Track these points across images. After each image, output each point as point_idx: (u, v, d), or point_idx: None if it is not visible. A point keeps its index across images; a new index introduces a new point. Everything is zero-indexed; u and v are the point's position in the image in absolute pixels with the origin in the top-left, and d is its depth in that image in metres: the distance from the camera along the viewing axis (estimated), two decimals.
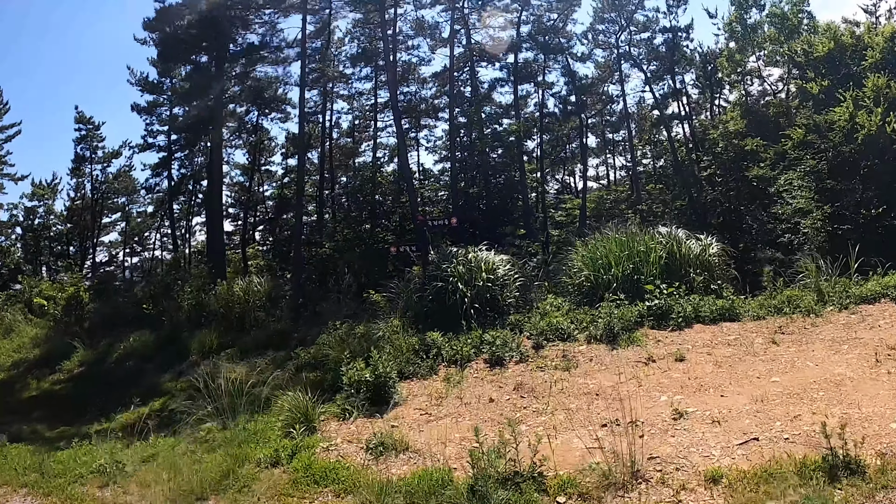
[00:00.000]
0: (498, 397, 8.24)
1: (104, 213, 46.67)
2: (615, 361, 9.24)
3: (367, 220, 32.01)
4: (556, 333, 10.50)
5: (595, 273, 11.90)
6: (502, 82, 35.55)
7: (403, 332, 11.10)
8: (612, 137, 45.88)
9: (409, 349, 10.21)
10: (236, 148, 40.92)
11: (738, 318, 11.19)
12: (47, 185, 45.72)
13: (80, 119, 43.14)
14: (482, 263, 12.05)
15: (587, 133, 38.37)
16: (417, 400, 8.63)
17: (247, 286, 18.15)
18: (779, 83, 37.91)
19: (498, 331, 10.56)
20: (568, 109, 36.12)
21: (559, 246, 24.91)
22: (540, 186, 35.78)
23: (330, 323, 13.35)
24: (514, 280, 12.29)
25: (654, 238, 12.99)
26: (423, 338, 10.52)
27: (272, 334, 15.27)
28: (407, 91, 35.33)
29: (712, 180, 32.05)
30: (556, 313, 11.08)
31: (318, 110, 35.59)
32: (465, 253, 12.54)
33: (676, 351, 9.38)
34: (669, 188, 35.68)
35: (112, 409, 13.93)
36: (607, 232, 13.22)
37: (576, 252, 12.97)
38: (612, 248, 12.19)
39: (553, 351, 9.98)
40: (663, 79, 37.65)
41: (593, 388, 8.19)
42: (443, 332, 10.71)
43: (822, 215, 20.23)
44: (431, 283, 11.74)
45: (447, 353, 10.01)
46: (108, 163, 44.66)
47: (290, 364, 12.61)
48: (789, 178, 24.38)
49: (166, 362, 17.21)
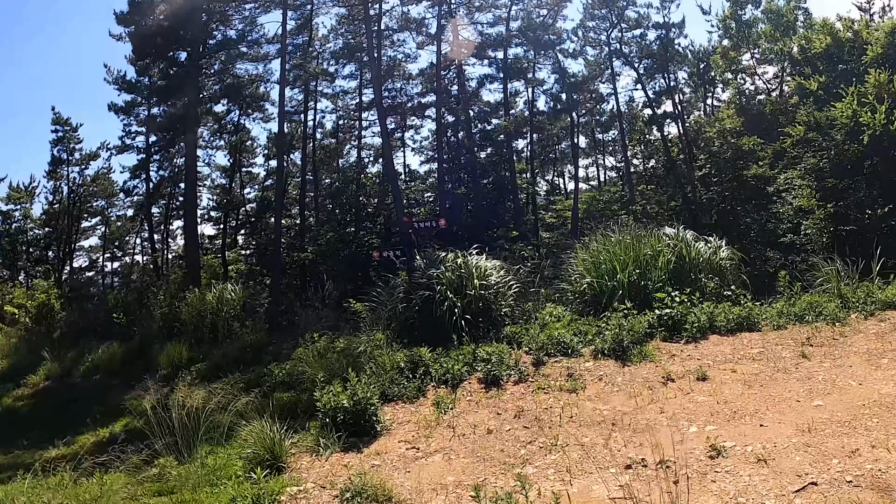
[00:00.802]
0: (497, 427, 7.07)
1: (83, 217, 45.37)
2: (629, 381, 8.13)
3: (352, 222, 30.80)
4: (558, 347, 9.39)
5: (598, 279, 10.79)
6: (491, 79, 34.54)
7: (387, 347, 9.94)
8: (602, 138, 44.96)
9: (394, 367, 9.04)
10: (217, 149, 39.70)
11: (757, 327, 10.15)
12: (24, 189, 44.29)
13: (57, 120, 41.73)
14: (474, 270, 10.89)
15: (578, 132, 37.30)
16: (403, 429, 7.45)
17: (220, 294, 16.91)
18: (773, 81, 37.47)
19: (492, 345, 9.42)
20: (558, 107, 35.04)
21: (551, 249, 23.87)
22: (531, 187, 34.68)
23: (307, 335, 12.25)
24: (509, 287, 11.13)
25: (660, 240, 11.91)
26: (409, 354, 9.35)
27: (245, 347, 14.10)
28: (392, 88, 34.22)
29: (707, 180, 31.14)
30: (557, 324, 9.96)
31: (301, 109, 34.42)
32: (455, 258, 11.39)
33: (697, 368, 8.28)
34: (662, 188, 34.76)
35: (71, 430, 12.97)
36: (610, 234, 12.07)
37: (576, 256, 11.84)
38: (616, 252, 11.07)
39: (556, 368, 8.85)
40: (654, 77, 36.82)
41: (608, 416, 7.06)
42: (431, 347, 9.56)
43: (825, 215, 19.45)
44: (418, 292, 10.57)
45: (436, 372, 8.86)
46: (85, 165, 43.23)
47: (263, 381, 11.40)
48: (789, 177, 23.71)
49: (134, 377, 15.93)
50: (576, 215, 31.30)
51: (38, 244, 44.80)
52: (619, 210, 32.64)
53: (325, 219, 33.71)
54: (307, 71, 31.08)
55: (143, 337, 18.12)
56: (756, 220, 26.86)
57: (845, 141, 18.54)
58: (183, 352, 15.12)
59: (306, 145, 34.91)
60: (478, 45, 32.48)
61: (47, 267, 43.99)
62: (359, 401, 7.20)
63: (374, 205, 31.70)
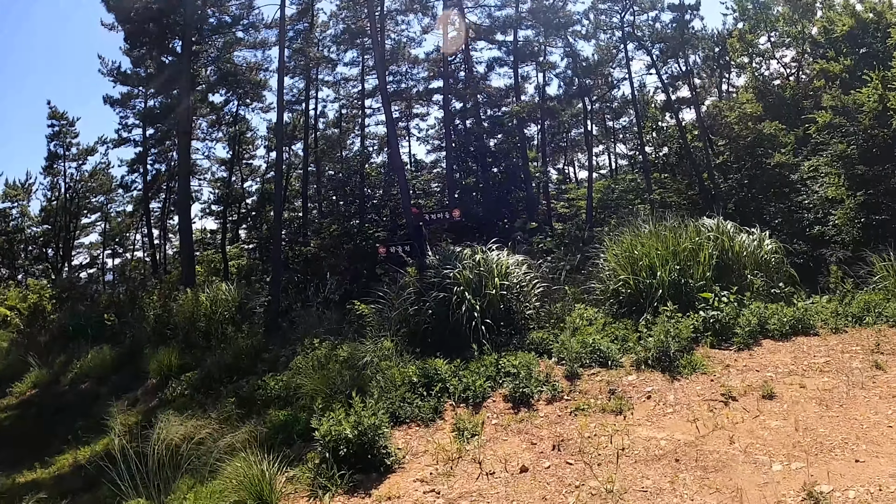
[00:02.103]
0: (533, 463, 5.83)
1: (82, 214, 44.51)
2: (683, 400, 6.90)
3: (356, 215, 29.50)
4: (594, 357, 8.15)
5: (635, 277, 9.51)
6: (500, 62, 33.06)
7: (397, 357, 8.71)
8: (613, 126, 43.61)
9: (405, 382, 7.80)
10: (217, 141, 38.72)
11: (814, 330, 8.93)
12: (20, 185, 43.26)
13: (52, 115, 41.07)
14: (494, 266, 9.61)
15: (591, 118, 35.82)
16: (419, 463, 6.22)
17: (214, 294, 15.69)
18: (791, 65, 36.16)
19: (517, 354, 8.19)
20: (571, 91, 33.61)
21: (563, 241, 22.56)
22: (543, 176, 33.26)
23: (307, 341, 11.06)
24: (534, 286, 9.87)
25: (699, 232, 10.63)
26: (422, 366, 8.11)
27: (240, 353, 12.84)
28: (396, 72, 32.77)
29: (726, 167, 29.77)
30: (590, 329, 8.71)
31: (302, 98, 33.10)
32: (472, 254, 10.12)
33: (760, 383, 7.06)
34: (676, 176, 33.38)
35: (51, 447, 12.04)
36: (643, 225, 10.76)
37: (607, 250, 10.55)
38: (653, 246, 9.79)
39: (594, 383, 7.61)
40: (667, 62, 35.43)
41: (667, 448, 5.83)
42: (447, 358, 8.33)
43: (855, 204, 18.31)
44: (431, 293, 9.31)
45: (455, 388, 7.61)
46: (83, 160, 42.49)
47: (257, 395, 10.19)
48: (814, 164, 22.51)
49: (122, 385, 15.09)
50: (590, 205, 29.98)
51: (36, 242, 43.92)
52: (634, 199, 31.36)
53: (328, 211, 32.42)
54: (307, 56, 29.74)
55: (135, 340, 16.97)
56: (780, 209, 25.52)
57: (873, 126, 17.71)
58: (173, 359, 13.96)
59: (308, 135, 33.62)
60: (486, 27, 31.08)
61: (46, 265, 43.15)
62: (364, 431, 5.96)
63: (380, 196, 30.33)
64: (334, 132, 37.22)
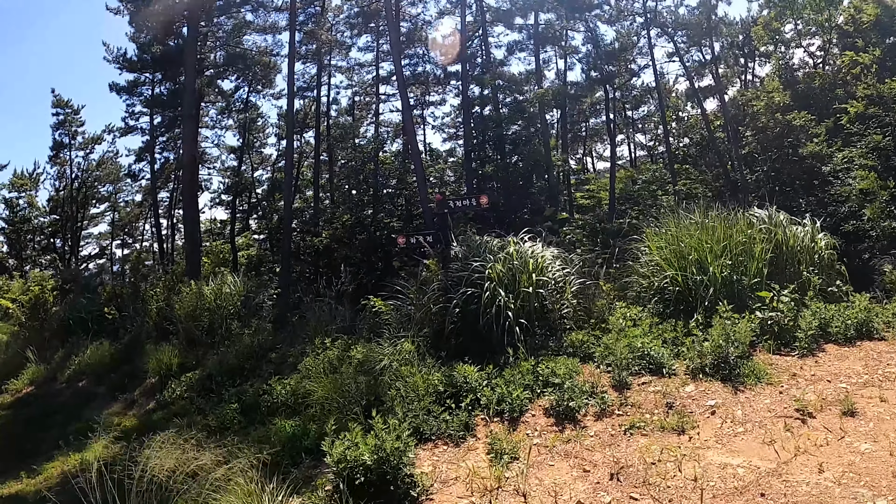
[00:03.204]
0: (590, 497, 4.85)
1: (90, 204, 43.91)
2: (752, 416, 5.94)
3: (370, 204, 28.49)
4: (643, 362, 7.19)
5: (683, 273, 8.52)
6: (521, 46, 31.90)
7: (419, 362, 7.76)
8: (632, 116, 42.39)
9: (430, 392, 6.87)
10: (227, 129, 37.96)
11: (879, 334, 7.92)
12: (28, 176, 42.65)
13: (57, 103, 40.45)
14: (529, 260, 8.61)
15: (614, 105, 34.60)
16: (450, 493, 5.24)
17: (219, 287, 14.77)
18: (818, 54, 35.07)
19: (556, 359, 7.24)
20: (593, 77, 32.43)
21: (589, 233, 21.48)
22: (565, 164, 32.07)
23: (317, 340, 10.08)
24: (570, 283, 8.88)
25: (750, 223, 9.61)
26: (449, 373, 7.17)
27: (245, 352, 11.93)
28: (413, 54, 31.71)
29: (752, 158, 28.61)
30: (636, 331, 7.72)
31: (314, 84, 32.10)
32: (502, 245, 9.14)
33: (836, 396, 6.13)
34: (699, 167, 32.26)
35: (41, 453, 11.01)
36: (689, 216, 9.72)
37: (650, 242, 9.54)
38: (703, 239, 8.78)
39: (647, 394, 6.63)
40: (689, 50, 34.28)
41: (747, 477, 4.86)
42: (477, 363, 7.38)
43: (890, 197, 17.48)
44: (457, 289, 8.33)
45: (488, 400, 6.66)
46: (90, 149, 41.85)
47: (261, 402, 9.28)
48: (848, 156, 21.47)
49: (120, 385, 14.15)
50: (613, 196, 28.86)
51: (43, 232, 43.35)
52: (656, 190, 30.29)
53: (340, 200, 31.44)
54: (319, 40, 28.70)
55: (134, 336, 16.13)
56: (810, 203, 24.40)
57: None
58: (173, 357, 13.09)
59: (319, 123, 32.67)
60: (505, 11, 29.94)
61: (54, 255, 42.59)
62: (386, 457, 5.00)
63: (394, 185, 29.29)
64: (347, 119, 36.22)
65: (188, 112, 19.81)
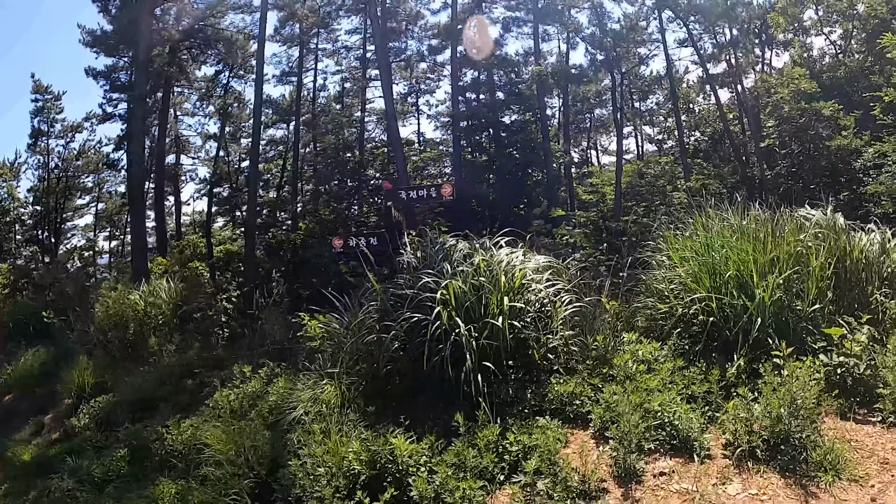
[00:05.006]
0: None
1: (73, 195, 42.10)
2: None
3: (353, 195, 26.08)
4: (662, 434, 4.83)
5: (718, 295, 6.11)
6: (519, 22, 29.22)
7: (340, 417, 5.47)
8: (640, 107, 39.93)
9: (343, 471, 4.57)
10: (208, 117, 35.77)
11: None
12: (8, 165, 40.80)
13: (37, 88, 38.47)
14: (502, 274, 6.21)
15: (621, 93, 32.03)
16: None
17: (149, 295, 12.54)
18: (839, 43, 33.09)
19: (532, 425, 4.93)
20: (598, 61, 29.96)
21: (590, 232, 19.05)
22: (566, 155, 29.51)
23: (236, 368, 8.04)
24: (562, 303, 6.50)
25: (799, 228, 7.16)
26: (373, 442, 4.87)
27: (162, 375, 9.87)
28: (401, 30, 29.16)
29: (770, 152, 26.19)
30: (651, 380, 5.32)
31: (295, 69, 29.72)
32: (470, 251, 6.76)
33: None
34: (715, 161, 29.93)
35: None
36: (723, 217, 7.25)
37: (671, 251, 7.10)
38: (744, 249, 6.37)
39: (666, 493, 4.29)
40: (701, 37, 31.93)
41: None
42: (417, 425, 5.09)
43: None
44: (401, 313, 6.00)
45: (420, 495, 4.33)
46: (70, 137, 40.08)
47: (153, 452, 7.08)
48: (881, 150, 19.28)
49: (41, 403, 11.84)
50: (619, 191, 26.38)
51: (24, 224, 41.58)
52: (665, 185, 27.97)
53: (324, 193, 28.97)
54: (300, 19, 26.25)
55: (63, 346, 13.96)
56: (841, 202, 21.97)
57: None
58: (87, 376, 10.93)
59: (299, 110, 30.27)
60: None
61: (35, 248, 40.75)
62: None
63: (377, 176, 26.84)
64: (335, 107, 33.81)
65: (139, 93, 17.52)
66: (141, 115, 18.55)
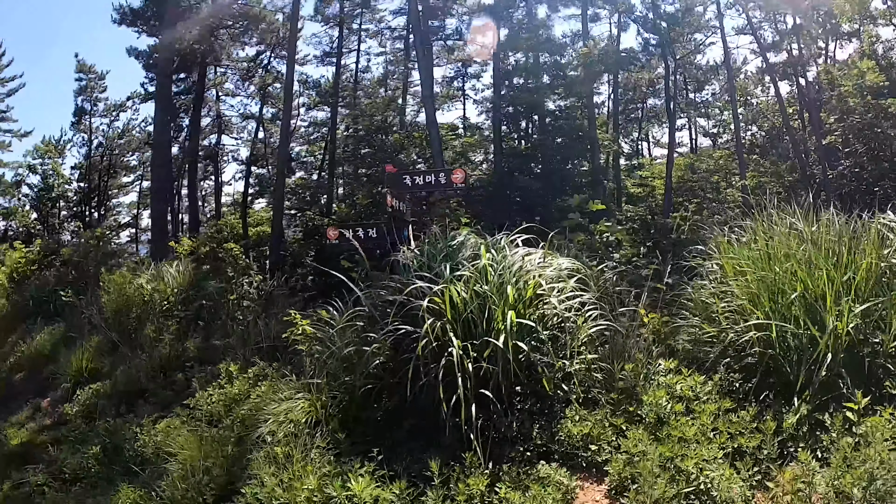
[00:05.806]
0: None
1: (118, 173, 42.46)
2: None
3: None
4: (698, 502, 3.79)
5: (780, 321, 4.94)
6: (567, 2, 27.83)
7: (307, 443, 4.57)
8: (694, 98, 38.13)
9: None
10: (250, 97, 35.52)
11: None
12: (53, 143, 41.36)
13: (80, 68, 38.91)
14: (510, 282, 5.16)
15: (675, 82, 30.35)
16: None
17: (153, 279, 11.96)
18: None
19: (532, 476, 3.95)
20: (650, 46, 28.42)
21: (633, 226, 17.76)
22: (614, 144, 27.98)
23: (223, 367, 7.55)
24: (587, 320, 5.41)
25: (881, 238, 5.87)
26: (332, 482, 3.96)
27: (157, 366, 9.42)
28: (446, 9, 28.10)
29: (832, 150, 24.47)
30: (689, 427, 4.24)
31: (334, 50, 28.95)
32: (474, 253, 5.62)
33: None
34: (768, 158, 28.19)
35: None
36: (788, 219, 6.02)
37: (724, 260, 5.87)
38: (815, 264, 5.13)
39: None
40: (761, 25, 30.09)
41: None
42: (395, 464, 4.16)
43: None
44: (387, 322, 5.00)
45: None
46: (114, 116, 40.72)
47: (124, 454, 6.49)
48: None
49: (45, 384, 11.64)
50: (669, 186, 24.82)
51: (69, 201, 42.09)
52: (719, 182, 26.44)
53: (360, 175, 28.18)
54: None
55: (74, 325, 13.57)
56: None
57: None
58: (87, 360, 10.67)
59: (338, 91, 29.51)
60: None
61: (78, 224, 41.28)
62: None
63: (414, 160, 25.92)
64: (376, 89, 33.02)
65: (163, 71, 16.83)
66: (166, 94, 17.86)
